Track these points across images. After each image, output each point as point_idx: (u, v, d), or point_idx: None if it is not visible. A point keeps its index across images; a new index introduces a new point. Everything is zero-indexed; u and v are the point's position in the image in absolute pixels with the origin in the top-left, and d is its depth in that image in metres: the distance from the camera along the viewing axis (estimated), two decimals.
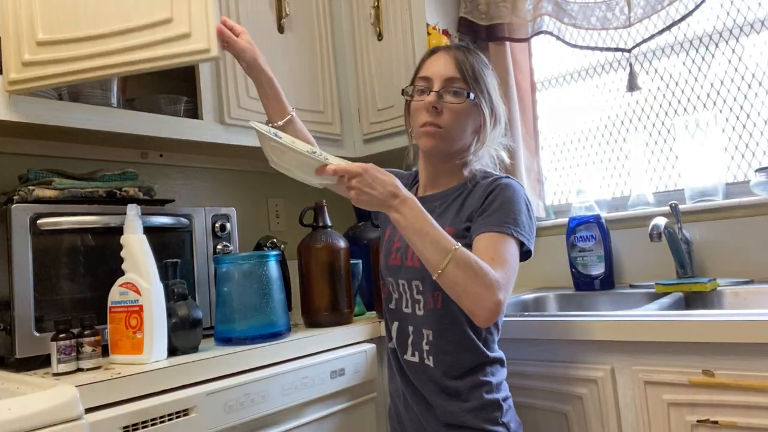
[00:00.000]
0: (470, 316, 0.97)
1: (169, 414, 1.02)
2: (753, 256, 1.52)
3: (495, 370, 1.09)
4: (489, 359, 1.08)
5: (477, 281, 0.94)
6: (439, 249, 0.96)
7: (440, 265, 0.95)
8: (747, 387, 0.99)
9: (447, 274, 0.95)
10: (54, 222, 1.17)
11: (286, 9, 1.73)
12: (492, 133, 1.14)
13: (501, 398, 1.07)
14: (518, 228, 1.04)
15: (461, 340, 1.07)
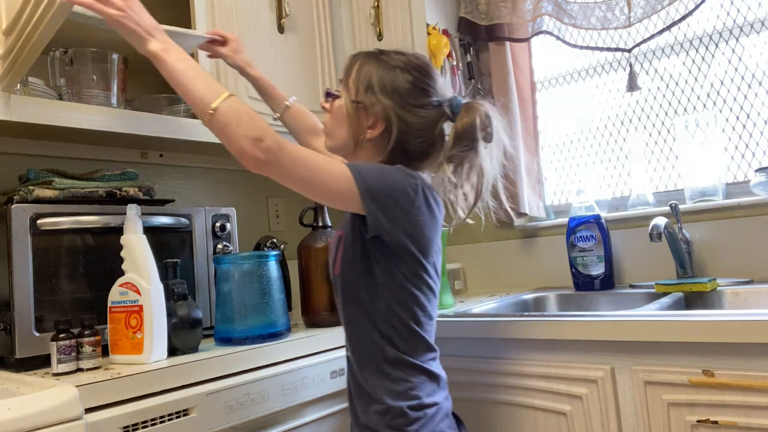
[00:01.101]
0: (238, 157, 0.92)
1: (169, 414, 1.02)
2: (753, 256, 1.52)
3: (408, 377, 0.99)
4: (400, 364, 0.99)
5: (252, 124, 0.91)
6: (212, 89, 0.94)
7: (212, 103, 0.92)
8: (747, 387, 0.99)
9: (220, 113, 0.92)
10: (54, 222, 1.18)
11: (286, 9, 1.73)
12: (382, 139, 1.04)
13: (408, 406, 0.97)
14: (360, 168, 0.96)
15: (368, 344, 1.01)
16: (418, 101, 1.05)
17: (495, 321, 1.28)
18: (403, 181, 0.98)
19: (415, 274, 1.00)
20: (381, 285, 0.99)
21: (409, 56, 1.08)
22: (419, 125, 1.04)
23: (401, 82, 1.05)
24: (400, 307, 0.99)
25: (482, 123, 1.04)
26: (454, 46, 1.85)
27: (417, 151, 1.06)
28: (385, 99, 1.04)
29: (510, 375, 1.26)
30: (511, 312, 1.60)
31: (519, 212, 1.84)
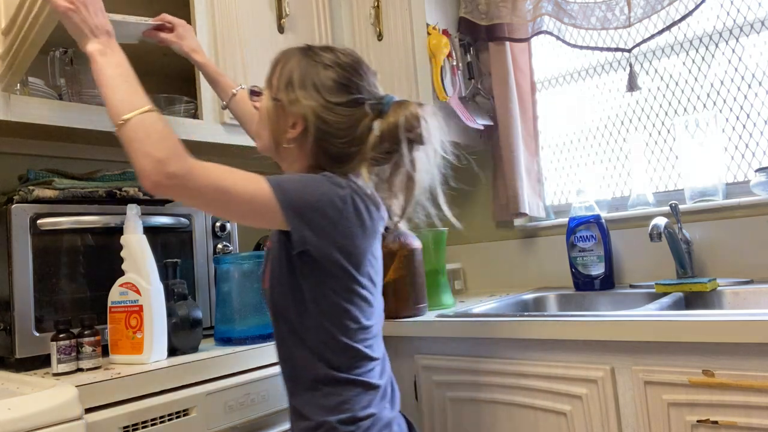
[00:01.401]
0: (138, 177, 0.86)
1: (169, 414, 1.02)
2: (753, 256, 1.52)
3: (340, 391, 0.94)
4: (332, 380, 0.94)
5: (158, 145, 0.85)
6: (133, 100, 0.89)
7: (127, 113, 0.87)
8: (747, 387, 0.99)
9: (130, 125, 0.87)
10: (54, 222, 1.18)
11: (286, 9, 1.73)
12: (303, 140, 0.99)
13: (339, 421, 0.92)
14: (281, 181, 0.90)
15: (298, 361, 0.97)
16: (339, 99, 0.99)
17: (495, 321, 1.28)
18: (329, 192, 0.92)
19: (346, 288, 0.95)
20: (309, 301, 0.94)
21: (336, 52, 1.02)
22: (340, 125, 0.98)
23: (322, 78, 0.99)
24: (330, 323, 0.94)
25: (407, 124, 0.98)
26: (454, 46, 1.85)
27: (340, 153, 0.99)
28: (303, 96, 0.99)
29: (510, 375, 1.26)
30: (511, 312, 1.60)
31: (519, 212, 1.84)
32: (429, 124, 1.01)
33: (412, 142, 1.00)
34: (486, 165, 2.04)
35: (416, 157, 1.01)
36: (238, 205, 0.88)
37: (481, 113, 1.92)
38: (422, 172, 1.02)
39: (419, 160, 1.02)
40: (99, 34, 0.95)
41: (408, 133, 0.98)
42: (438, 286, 1.62)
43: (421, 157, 1.02)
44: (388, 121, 0.99)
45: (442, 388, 1.38)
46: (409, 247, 1.48)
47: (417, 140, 1.00)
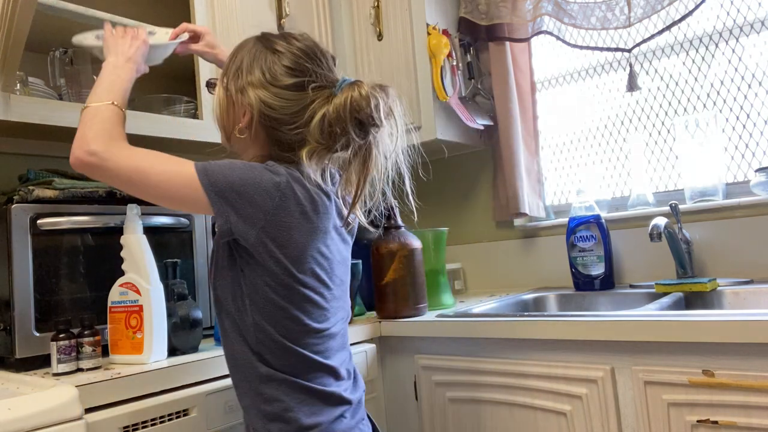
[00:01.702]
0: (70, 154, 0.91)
1: (169, 414, 1.02)
2: (753, 256, 1.52)
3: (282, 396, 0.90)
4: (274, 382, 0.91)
5: (95, 128, 0.92)
6: (106, 94, 0.98)
7: (93, 101, 0.97)
8: (747, 387, 0.99)
9: (85, 111, 0.96)
10: (54, 222, 1.18)
11: (286, 9, 1.73)
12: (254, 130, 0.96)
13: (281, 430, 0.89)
14: (207, 165, 0.88)
15: (239, 359, 0.93)
16: (285, 83, 0.95)
17: (495, 321, 1.28)
18: (261, 178, 0.88)
19: (282, 284, 0.90)
20: (246, 295, 0.90)
21: (290, 38, 0.99)
22: (286, 110, 0.94)
23: (270, 64, 0.96)
24: (267, 321, 0.90)
25: (354, 103, 0.92)
26: (454, 46, 1.85)
27: (291, 140, 0.95)
28: (250, 84, 0.96)
29: (510, 375, 1.26)
30: (511, 312, 1.60)
31: (519, 212, 1.84)
32: (383, 106, 0.93)
33: (364, 124, 0.93)
34: (486, 165, 2.04)
35: (372, 142, 0.95)
36: (156, 186, 0.89)
37: (481, 113, 1.92)
38: (379, 158, 0.96)
39: (376, 145, 0.95)
40: (119, 56, 1.07)
41: (356, 113, 0.92)
42: (438, 286, 1.62)
43: (379, 141, 0.95)
44: (334, 103, 0.93)
45: (442, 388, 1.38)
46: (409, 247, 1.48)
47: (368, 122, 0.93)
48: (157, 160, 0.90)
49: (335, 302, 0.97)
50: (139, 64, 1.10)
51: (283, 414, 0.89)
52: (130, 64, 1.07)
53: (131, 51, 1.09)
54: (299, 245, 0.90)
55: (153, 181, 0.89)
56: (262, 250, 0.88)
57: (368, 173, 0.96)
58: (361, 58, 1.92)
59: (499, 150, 1.94)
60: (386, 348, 1.50)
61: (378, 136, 0.95)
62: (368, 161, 0.95)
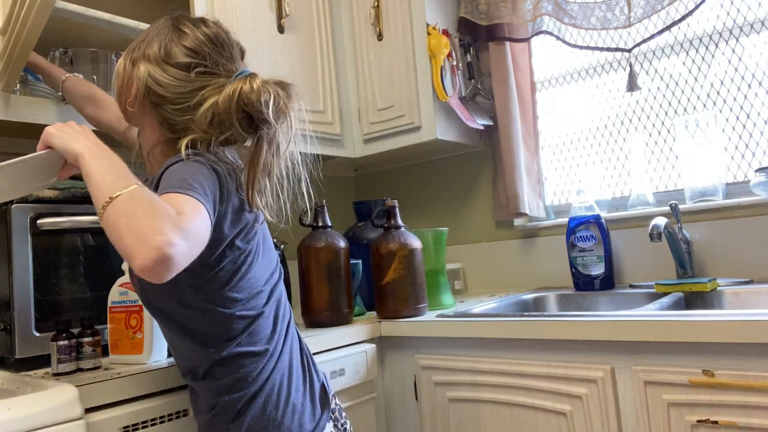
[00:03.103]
0: (128, 258, 0.70)
1: (169, 414, 1.02)
2: (753, 256, 1.52)
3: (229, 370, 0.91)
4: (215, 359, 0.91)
5: (150, 212, 0.71)
6: (124, 176, 0.79)
7: (115, 191, 0.75)
8: (747, 387, 0.99)
9: (118, 202, 0.74)
10: (54, 222, 1.17)
11: (286, 9, 1.73)
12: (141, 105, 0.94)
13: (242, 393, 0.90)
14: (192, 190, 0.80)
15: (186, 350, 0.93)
16: (177, 61, 0.93)
17: (495, 321, 1.28)
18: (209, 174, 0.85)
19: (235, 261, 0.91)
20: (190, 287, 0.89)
21: (200, 22, 0.97)
22: (172, 88, 0.92)
23: (168, 40, 0.94)
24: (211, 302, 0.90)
25: (243, 96, 0.88)
26: (454, 46, 1.85)
27: (172, 119, 0.93)
28: (145, 55, 0.94)
29: (510, 375, 1.26)
30: (511, 312, 1.60)
31: (519, 212, 1.84)
32: (275, 102, 0.89)
33: (252, 119, 0.89)
34: (486, 165, 2.04)
35: (263, 138, 0.91)
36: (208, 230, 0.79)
37: (481, 113, 1.92)
38: (270, 157, 0.91)
39: (267, 142, 0.91)
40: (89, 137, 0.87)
41: (244, 106, 0.88)
42: (438, 286, 1.62)
43: (271, 139, 0.91)
44: (225, 92, 0.89)
45: (442, 388, 1.38)
46: (409, 247, 1.48)
47: (258, 117, 0.89)
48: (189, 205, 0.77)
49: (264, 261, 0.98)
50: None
51: (238, 384, 0.91)
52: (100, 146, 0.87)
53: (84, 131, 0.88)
54: (244, 220, 0.91)
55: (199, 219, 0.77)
56: (221, 235, 0.87)
57: (257, 170, 0.91)
58: (361, 58, 1.92)
59: (499, 150, 1.94)
60: (386, 348, 1.50)
61: (270, 134, 0.91)
62: (257, 158, 0.90)
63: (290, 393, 0.94)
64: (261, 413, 0.91)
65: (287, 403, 0.93)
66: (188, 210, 0.75)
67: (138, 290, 0.95)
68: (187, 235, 0.72)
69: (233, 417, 0.91)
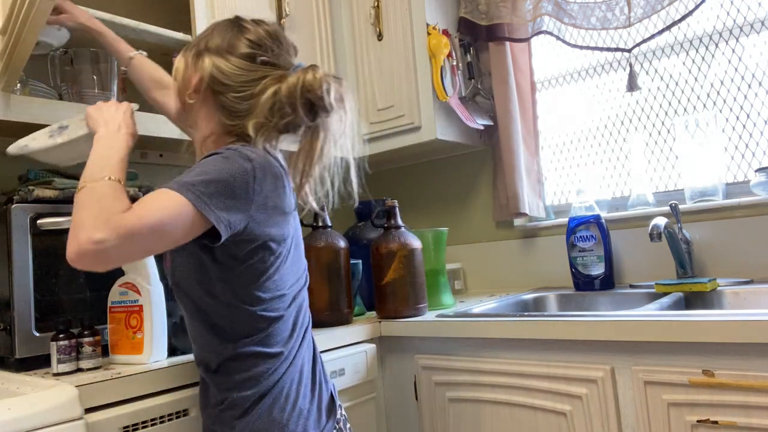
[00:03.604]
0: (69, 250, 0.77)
1: (169, 414, 1.02)
2: (753, 256, 1.52)
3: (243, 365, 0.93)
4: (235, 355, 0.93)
5: (93, 210, 0.78)
6: (102, 168, 0.87)
7: (85, 182, 0.84)
8: (747, 387, 0.99)
9: (82, 192, 0.83)
10: (54, 222, 1.17)
11: (286, 9, 1.73)
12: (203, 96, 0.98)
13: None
14: (190, 186, 0.83)
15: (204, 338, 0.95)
16: (240, 52, 0.98)
17: (495, 321, 1.28)
18: (232, 170, 0.86)
19: (263, 260, 0.93)
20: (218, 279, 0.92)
21: (260, 21, 1.03)
22: (236, 77, 0.97)
23: (231, 36, 0.99)
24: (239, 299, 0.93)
25: (307, 85, 0.94)
26: (454, 46, 1.85)
27: (234, 107, 0.97)
28: (208, 48, 0.99)
29: (510, 375, 1.26)
30: (511, 312, 1.60)
31: (519, 212, 1.84)
32: (335, 91, 0.96)
33: (314, 106, 0.95)
34: (486, 165, 2.04)
35: (321, 126, 0.97)
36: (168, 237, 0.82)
37: (481, 113, 1.92)
38: (327, 143, 0.98)
39: (324, 130, 0.97)
40: (109, 125, 0.98)
41: (307, 93, 0.94)
42: (438, 286, 1.62)
43: (328, 127, 0.97)
44: (288, 81, 0.95)
45: (442, 388, 1.38)
46: (409, 247, 1.48)
47: (318, 104, 0.95)
48: (148, 206, 0.81)
49: (293, 266, 1.00)
50: (133, 129, 1.00)
51: (248, 382, 0.92)
52: (123, 131, 0.98)
53: (119, 115, 1.00)
54: (276, 219, 0.92)
55: (158, 224, 0.80)
56: (250, 233, 0.89)
57: (314, 157, 0.97)
58: (361, 58, 1.92)
59: (499, 150, 1.94)
60: (386, 348, 1.50)
61: (327, 122, 0.97)
62: (315, 144, 0.97)
63: (298, 398, 0.95)
64: (267, 414, 0.92)
65: (294, 408, 0.94)
66: (148, 209, 0.80)
67: (169, 274, 0.98)
68: (122, 234, 0.77)
69: (240, 414, 0.92)
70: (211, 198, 0.84)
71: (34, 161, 1.46)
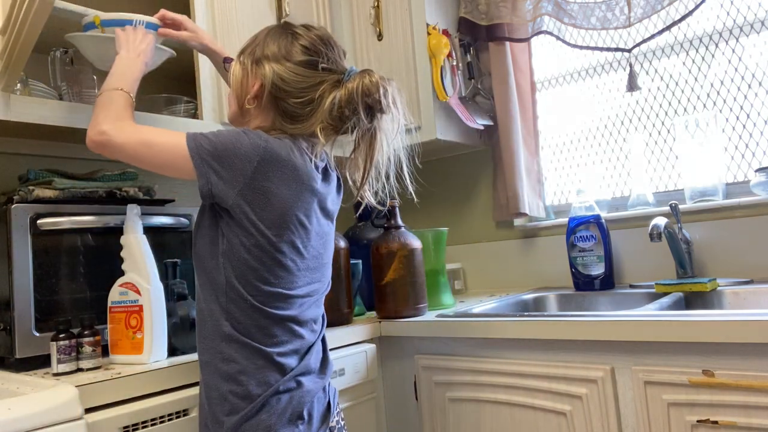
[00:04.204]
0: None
1: (169, 414, 1.02)
2: (753, 256, 1.52)
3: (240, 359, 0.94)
4: (235, 343, 0.94)
5: (105, 111, 0.99)
6: (119, 81, 1.05)
7: (104, 89, 1.04)
8: (747, 387, 0.99)
9: (102, 97, 1.03)
10: (54, 222, 1.17)
11: (286, 9, 1.73)
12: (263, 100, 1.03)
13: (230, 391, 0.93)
14: (199, 136, 0.95)
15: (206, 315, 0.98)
16: (299, 59, 1.03)
17: (495, 321, 1.28)
18: (241, 143, 0.94)
19: (256, 245, 0.94)
20: (221, 253, 0.96)
21: (309, 26, 1.08)
22: (296, 84, 1.02)
23: (287, 44, 1.04)
24: (238, 280, 0.94)
25: (366, 89, 1.01)
26: (454, 46, 1.85)
27: (294, 112, 1.03)
28: (266, 58, 1.04)
29: (510, 375, 1.26)
30: (511, 312, 1.60)
31: (519, 212, 1.84)
32: (390, 93, 1.02)
33: (372, 109, 1.02)
34: (486, 165, 2.04)
35: (377, 127, 1.04)
36: (156, 157, 0.96)
37: (481, 113, 1.92)
38: (383, 142, 1.05)
39: (380, 130, 1.04)
40: (131, 50, 1.13)
41: (366, 98, 1.01)
42: (438, 286, 1.62)
43: (383, 126, 1.04)
44: (347, 86, 1.02)
45: (442, 388, 1.38)
46: (409, 247, 1.48)
47: (376, 107, 1.02)
48: (157, 135, 0.96)
49: (308, 273, 1.01)
50: (149, 59, 1.16)
51: (237, 376, 0.93)
52: (141, 59, 1.13)
53: (142, 46, 1.15)
54: (276, 210, 0.95)
55: (154, 151, 0.95)
56: (239, 212, 0.94)
57: (374, 155, 1.04)
58: (361, 58, 1.92)
59: (499, 150, 1.94)
60: (386, 348, 1.50)
61: (382, 122, 1.04)
62: (374, 144, 1.04)
63: (291, 402, 0.95)
64: (255, 414, 0.92)
65: (284, 413, 0.94)
66: (149, 129, 0.98)
67: (193, 241, 1.03)
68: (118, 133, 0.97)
69: (229, 411, 0.92)
70: (208, 154, 0.93)
71: (34, 161, 1.47)
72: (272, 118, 1.04)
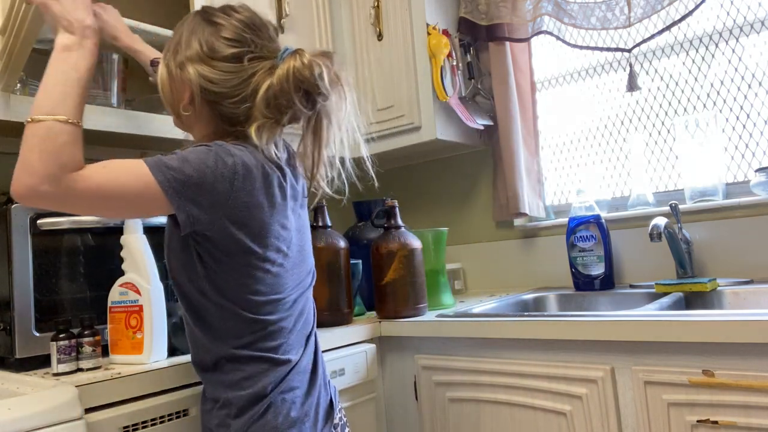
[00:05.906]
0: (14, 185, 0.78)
1: (169, 414, 1.02)
2: (753, 256, 1.52)
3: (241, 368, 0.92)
4: (232, 357, 0.92)
5: (42, 152, 0.77)
6: (60, 101, 0.81)
7: (42, 113, 0.80)
8: (747, 387, 0.99)
9: (34, 127, 0.79)
10: (54, 222, 1.17)
11: (286, 9, 1.73)
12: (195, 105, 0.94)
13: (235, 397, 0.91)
14: (165, 168, 0.82)
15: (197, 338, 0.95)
16: (224, 54, 0.92)
17: (495, 321, 1.28)
18: (215, 164, 0.84)
19: (246, 263, 0.89)
20: (204, 278, 0.90)
21: (229, 10, 0.96)
22: (227, 83, 0.92)
23: (207, 35, 0.93)
24: (228, 299, 0.90)
25: (298, 74, 0.90)
26: (454, 46, 1.85)
27: (235, 114, 0.93)
28: (189, 57, 0.93)
29: (510, 375, 1.26)
30: (511, 312, 1.60)
31: (519, 212, 1.84)
32: (328, 73, 0.91)
33: (310, 94, 0.92)
34: (486, 165, 2.04)
35: (321, 111, 0.94)
36: (118, 200, 0.82)
37: (481, 113, 1.92)
38: (332, 126, 0.95)
39: (326, 114, 0.94)
40: (74, 30, 0.87)
41: (300, 83, 0.90)
42: (438, 286, 1.62)
43: (328, 109, 0.94)
44: (277, 74, 0.91)
45: (442, 388, 1.38)
46: (409, 247, 1.48)
47: (314, 91, 0.91)
48: (111, 175, 0.82)
49: (295, 269, 0.97)
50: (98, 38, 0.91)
51: (242, 382, 0.91)
52: (88, 41, 0.88)
53: (79, 14, 0.88)
54: (257, 221, 0.89)
55: (115, 196, 0.81)
56: (224, 234, 0.87)
57: (321, 143, 0.95)
58: (361, 58, 1.92)
59: (499, 150, 1.94)
60: (386, 348, 1.50)
61: (327, 105, 0.94)
62: (319, 131, 0.94)
63: (294, 402, 0.94)
64: (261, 416, 0.91)
65: (289, 412, 0.93)
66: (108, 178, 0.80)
67: (167, 265, 0.97)
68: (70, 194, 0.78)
69: (235, 414, 0.91)
70: (183, 186, 0.83)
71: None
72: (214, 123, 0.96)
